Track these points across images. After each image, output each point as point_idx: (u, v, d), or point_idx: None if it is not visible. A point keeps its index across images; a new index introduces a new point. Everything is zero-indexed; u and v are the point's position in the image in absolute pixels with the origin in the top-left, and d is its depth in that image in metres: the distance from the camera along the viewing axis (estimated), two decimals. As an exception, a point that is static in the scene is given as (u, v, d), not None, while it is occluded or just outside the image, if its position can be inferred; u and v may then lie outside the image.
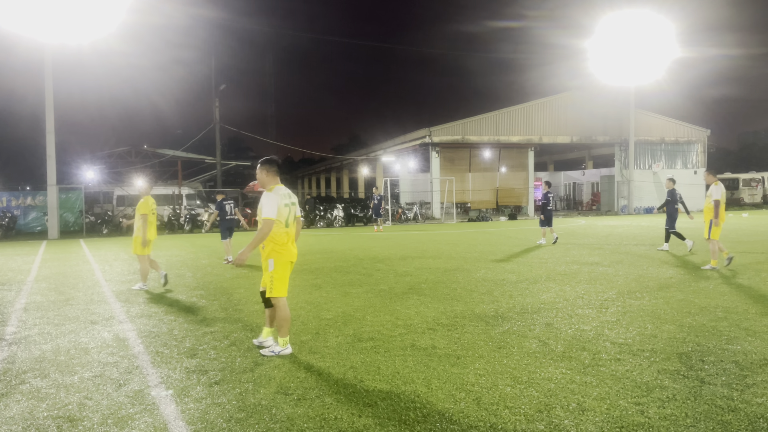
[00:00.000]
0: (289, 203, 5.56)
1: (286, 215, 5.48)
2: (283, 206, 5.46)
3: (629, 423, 3.67)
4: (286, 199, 5.53)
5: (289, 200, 5.57)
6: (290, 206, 5.57)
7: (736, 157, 69.32)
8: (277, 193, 5.47)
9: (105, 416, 3.99)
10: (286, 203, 5.51)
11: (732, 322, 6.30)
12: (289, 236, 5.55)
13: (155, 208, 9.89)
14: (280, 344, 5.48)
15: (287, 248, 5.50)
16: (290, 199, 5.61)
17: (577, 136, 40.36)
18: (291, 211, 5.57)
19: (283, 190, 5.58)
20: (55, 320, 7.22)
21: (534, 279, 9.66)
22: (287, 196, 5.57)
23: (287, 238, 5.51)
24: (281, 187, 5.60)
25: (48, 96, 24.57)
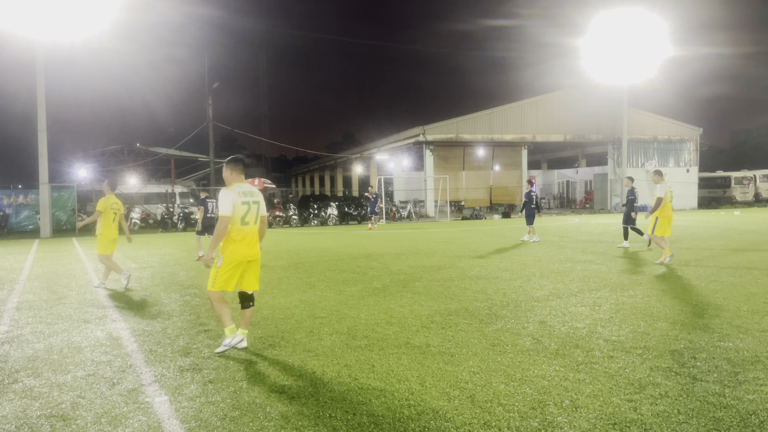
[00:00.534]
0: (248, 201, 5.47)
1: (242, 213, 5.40)
2: (240, 203, 5.39)
3: (622, 420, 3.69)
4: (245, 196, 5.45)
5: (249, 198, 5.48)
6: (250, 204, 5.48)
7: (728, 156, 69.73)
8: (233, 191, 5.42)
9: (98, 415, 3.98)
10: (244, 201, 5.42)
11: (724, 319, 6.34)
12: (245, 235, 5.43)
13: (119, 207, 9.94)
14: (226, 333, 5.50)
15: (239, 247, 5.40)
16: (251, 197, 5.51)
17: (570, 135, 40.49)
18: (251, 209, 5.48)
19: (243, 188, 5.51)
20: (48, 319, 7.19)
21: (527, 277, 9.69)
22: (247, 194, 5.49)
23: (241, 236, 5.41)
24: (241, 185, 5.55)
25: (40, 94, 24.43)
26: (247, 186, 5.59)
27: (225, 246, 5.43)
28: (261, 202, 5.65)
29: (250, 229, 5.50)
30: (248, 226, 5.48)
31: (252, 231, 5.53)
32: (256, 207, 5.56)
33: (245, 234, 5.46)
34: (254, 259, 5.56)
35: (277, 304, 7.76)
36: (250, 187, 5.61)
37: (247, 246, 5.47)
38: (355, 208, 32.78)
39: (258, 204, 5.60)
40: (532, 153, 46.32)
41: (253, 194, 5.57)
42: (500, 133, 38.60)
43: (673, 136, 42.84)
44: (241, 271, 5.51)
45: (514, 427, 3.62)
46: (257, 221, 5.59)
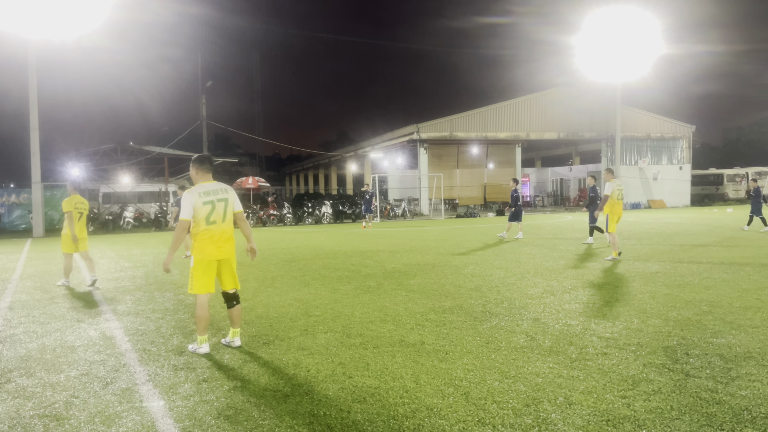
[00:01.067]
0: (212, 200, 5.35)
1: (206, 213, 5.30)
2: (201, 204, 5.30)
3: (615, 416, 3.70)
4: (207, 196, 5.35)
5: (213, 196, 5.37)
6: (214, 203, 5.35)
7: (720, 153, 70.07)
8: (193, 192, 5.33)
9: (92, 414, 3.97)
10: (206, 200, 5.31)
11: (716, 315, 6.37)
12: (212, 234, 5.33)
13: (84, 207, 10.04)
14: (198, 341, 5.44)
15: (206, 247, 5.33)
16: (215, 195, 5.37)
17: (563, 133, 40.60)
18: (215, 207, 5.34)
19: (206, 187, 5.40)
20: (41, 318, 7.15)
21: (521, 274, 9.71)
22: (210, 192, 5.36)
23: (208, 236, 5.33)
24: (205, 185, 5.44)
25: (32, 92, 24.29)
26: (212, 184, 5.46)
27: (194, 247, 5.40)
28: (229, 200, 5.46)
29: (218, 228, 5.36)
30: (215, 225, 5.35)
31: (221, 230, 5.38)
32: (222, 205, 5.40)
33: (213, 234, 5.34)
34: (225, 258, 5.43)
35: (271, 303, 7.75)
36: (217, 185, 5.48)
37: (215, 245, 5.35)
38: (350, 206, 32.77)
39: (225, 201, 5.42)
40: (526, 151, 46.41)
41: (218, 192, 5.41)
42: (494, 131, 38.65)
43: (666, 133, 43.02)
44: (215, 272, 5.43)
45: (508, 424, 3.63)
46: (225, 219, 5.42)
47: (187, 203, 5.29)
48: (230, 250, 5.49)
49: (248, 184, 33.31)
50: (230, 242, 5.50)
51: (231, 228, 5.52)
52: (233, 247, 5.55)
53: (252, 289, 8.93)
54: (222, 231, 5.40)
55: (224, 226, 5.43)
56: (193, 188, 5.40)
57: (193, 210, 5.29)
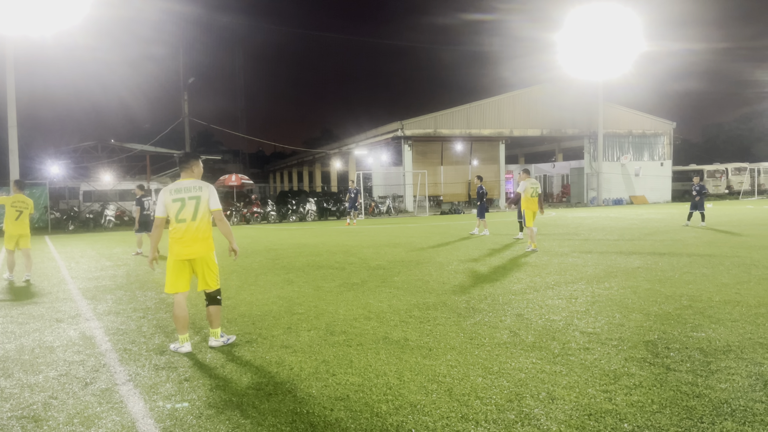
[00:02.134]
0: (182, 197, 5.28)
1: (175, 210, 5.27)
2: (171, 201, 5.28)
3: (597, 410, 3.73)
4: (178, 193, 5.29)
5: (184, 194, 5.29)
6: (184, 200, 5.26)
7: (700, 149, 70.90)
8: (166, 190, 5.33)
9: (71, 415, 3.91)
10: (176, 198, 5.27)
11: (696, 310, 6.45)
12: (182, 233, 5.28)
13: (25, 206, 10.33)
14: (179, 340, 5.40)
15: (174, 246, 5.32)
16: (187, 193, 5.30)
17: (547, 129, 40.84)
18: (185, 205, 5.26)
19: (180, 184, 5.37)
20: (19, 319, 7.04)
21: (505, 270, 9.75)
22: (181, 190, 5.31)
23: (178, 235, 5.29)
24: (179, 182, 5.42)
25: (10, 90, 23.91)
26: (187, 182, 5.39)
27: (168, 245, 5.40)
28: (202, 198, 5.33)
29: (187, 226, 5.28)
30: (184, 224, 5.27)
31: (190, 228, 5.28)
32: (193, 203, 5.28)
33: (182, 232, 5.28)
34: (195, 257, 5.33)
35: (254, 301, 7.70)
36: (192, 182, 5.39)
37: (182, 245, 5.29)
38: (334, 203, 32.69)
39: (197, 199, 5.30)
40: (509, 147, 46.57)
41: (190, 190, 5.32)
42: (478, 127, 38.77)
43: (647, 130, 43.46)
44: (187, 271, 5.39)
45: (491, 420, 3.63)
46: (196, 218, 5.30)
47: (159, 201, 5.34)
48: (201, 249, 5.34)
49: (231, 182, 33.08)
50: (202, 242, 5.34)
51: (204, 227, 5.36)
52: (206, 246, 5.40)
53: (235, 287, 8.87)
54: (192, 230, 5.29)
55: (194, 225, 5.30)
56: (168, 186, 5.41)
57: (164, 208, 5.30)
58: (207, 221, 5.38)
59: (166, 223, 5.46)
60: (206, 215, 5.37)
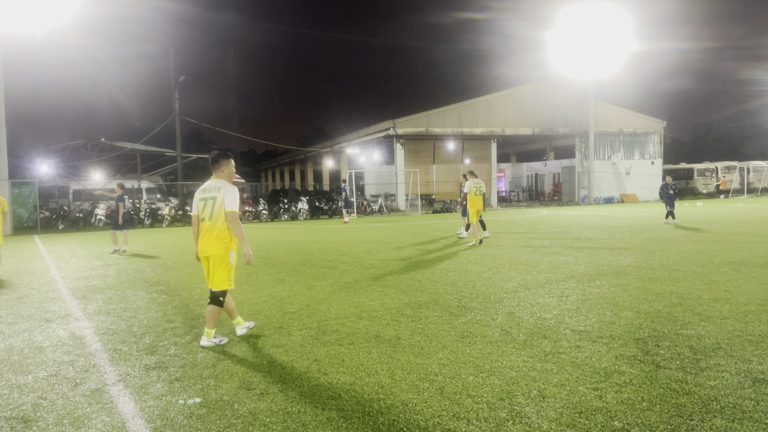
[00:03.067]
0: (205, 197, 5.53)
1: (200, 209, 5.56)
2: (198, 201, 5.58)
3: (588, 408, 3.74)
4: (203, 193, 5.57)
5: (206, 194, 5.53)
6: (206, 201, 5.51)
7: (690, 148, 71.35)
8: (198, 190, 5.66)
9: (60, 416, 3.88)
10: (201, 197, 5.55)
11: (686, 307, 6.49)
12: (202, 231, 5.52)
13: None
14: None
15: (198, 243, 5.59)
16: (208, 193, 5.53)
17: (538, 128, 40.94)
18: (206, 205, 5.50)
19: (206, 184, 5.63)
20: (8, 319, 6.98)
21: (496, 269, 9.78)
22: (206, 190, 5.56)
23: (201, 232, 5.54)
24: (208, 182, 5.66)
25: (-2, 87, 23.69)
26: (212, 182, 5.61)
27: None
28: (218, 198, 5.45)
29: (206, 225, 5.50)
30: (204, 222, 5.52)
31: (207, 227, 5.47)
32: (211, 203, 5.48)
33: (203, 230, 5.54)
34: (207, 255, 5.48)
35: (246, 300, 7.68)
36: (214, 183, 5.57)
37: (200, 242, 5.56)
38: (326, 202, 32.64)
39: (213, 200, 5.46)
40: (501, 146, 46.70)
41: (211, 190, 5.53)
42: (470, 126, 38.82)
43: (638, 128, 43.67)
44: (206, 267, 5.57)
45: (482, 418, 3.64)
46: (212, 217, 5.45)
47: (193, 200, 5.68)
48: (214, 248, 5.45)
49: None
50: (215, 241, 5.46)
51: (218, 226, 5.45)
52: (220, 245, 5.45)
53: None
54: (208, 229, 5.49)
55: (209, 224, 5.48)
56: (200, 186, 5.73)
57: (196, 206, 5.60)
58: (223, 221, 5.48)
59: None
60: (222, 215, 5.48)
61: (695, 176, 46.02)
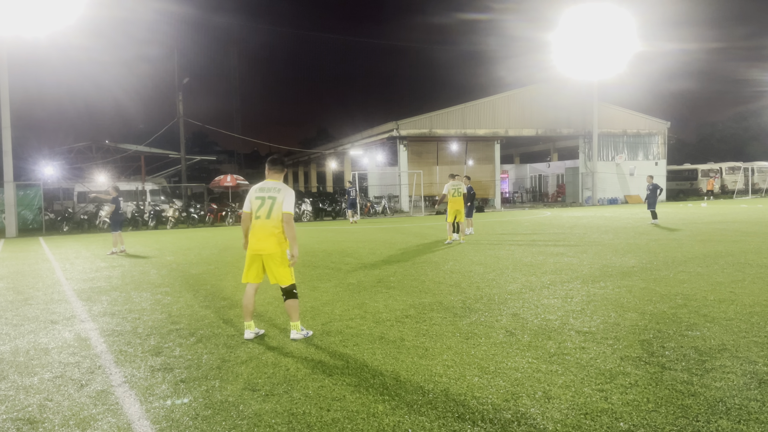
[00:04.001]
0: (263, 196, 5.70)
1: (255, 207, 5.70)
2: (254, 198, 5.75)
3: (593, 409, 3.74)
4: (260, 192, 5.74)
5: (264, 193, 5.71)
6: (264, 199, 5.68)
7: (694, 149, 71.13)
8: (252, 188, 5.84)
9: (66, 417, 3.90)
10: (258, 196, 5.74)
11: (691, 309, 6.47)
12: (256, 229, 5.68)
13: None
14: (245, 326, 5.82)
15: (249, 240, 5.74)
16: (267, 192, 5.72)
17: (542, 129, 40.91)
18: (263, 204, 5.67)
19: (264, 184, 5.81)
20: (14, 321, 7.01)
21: (501, 270, 9.77)
22: (264, 189, 5.77)
23: (253, 230, 5.70)
24: (266, 182, 5.83)
25: (3, 90, 23.77)
26: (270, 182, 5.81)
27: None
28: (277, 198, 5.66)
29: (261, 223, 5.66)
30: (259, 220, 5.67)
31: (262, 225, 5.66)
32: (270, 202, 5.66)
33: (256, 228, 5.69)
34: (264, 253, 5.66)
35: (250, 302, 7.68)
36: (274, 183, 5.79)
37: (254, 239, 5.69)
38: (330, 203, 32.65)
39: (273, 200, 5.66)
40: (504, 147, 46.67)
41: (271, 190, 5.73)
42: (473, 127, 38.81)
43: (642, 129, 43.59)
44: (258, 264, 5.74)
45: (487, 420, 3.64)
46: (270, 216, 5.63)
47: (246, 198, 5.84)
48: (270, 246, 5.64)
49: (227, 182, 33.04)
50: (272, 239, 5.63)
51: (276, 226, 5.65)
52: (276, 244, 5.64)
53: (231, 287, 8.86)
54: (263, 227, 5.65)
55: (266, 223, 5.65)
56: (255, 185, 5.90)
57: (249, 204, 5.78)
58: (280, 221, 5.67)
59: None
60: (279, 215, 5.66)
61: (699, 177, 45.88)
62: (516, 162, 57.73)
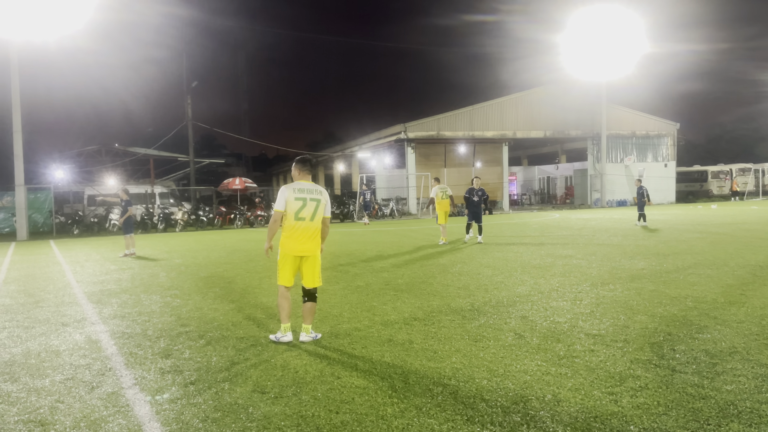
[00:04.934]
0: (305, 197, 5.64)
1: (296, 208, 5.61)
2: (293, 199, 5.62)
3: (603, 412, 3.72)
4: (301, 193, 5.66)
5: (306, 195, 5.65)
6: (306, 201, 5.64)
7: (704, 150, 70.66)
8: (289, 187, 5.70)
9: (77, 419, 3.92)
10: (299, 197, 5.64)
11: (701, 311, 6.43)
12: (295, 230, 5.61)
13: None
14: (281, 330, 5.75)
15: (287, 242, 5.66)
16: (309, 194, 5.67)
17: (550, 131, 40.78)
18: (306, 205, 5.63)
19: (302, 185, 5.72)
20: (25, 323, 7.07)
21: (509, 272, 9.75)
22: (305, 190, 5.68)
23: (291, 231, 5.62)
24: (301, 183, 5.75)
25: (14, 94, 23.98)
26: (308, 184, 5.75)
27: (280, 241, 5.71)
28: (321, 201, 5.69)
29: (304, 225, 5.63)
30: (302, 222, 5.63)
31: (305, 227, 5.62)
32: (313, 204, 5.66)
33: (296, 229, 5.63)
34: (306, 255, 5.67)
35: (258, 304, 7.71)
36: (313, 185, 5.76)
37: (295, 241, 5.64)
38: (338, 206, 32.67)
39: (317, 202, 5.66)
40: (512, 149, 46.53)
41: (313, 192, 5.69)
42: (481, 129, 38.74)
43: (650, 131, 43.35)
44: (295, 266, 5.71)
45: (497, 423, 3.63)
46: (314, 219, 5.64)
47: (281, 197, 5.64)
48: (312, 248, 5.70)
49: (235, 185, 33.13)
50: (313, 240, 5.69)
51: (318, 227, 5.71)
52: (317, 245, 5.73)
53: (239, 290, 8.89)
54: (306, 229, 5.64)
55: (311, 225, 5.66)
56: (290, 184, 5.75)
57: (285, 203, 5.62)
58: (320, 223, 5.73)
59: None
60: (321, 218, 5.72)
61: (709, 178, 45.59)
62: (524, 164, 57.55)
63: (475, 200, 15.73)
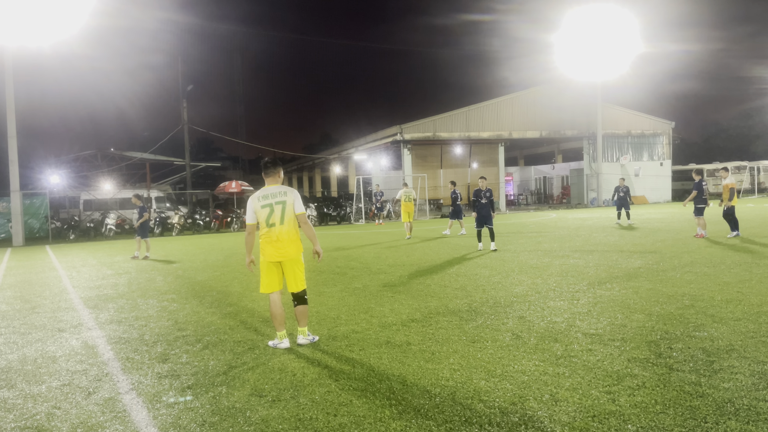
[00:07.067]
0: (270, 203, 5.54)
1: (265, 215, 5.53)
2: (260, 207, 5.55)
3: (601, 412, 3.72)
4: (265, 199, 5.56)
5: (271, 200, 5.54)
6: (272, 206, 5.53)
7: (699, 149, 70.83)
8: (253, 198, 5.61)
9: (74, 425, 3.91)
10: (264, 204, 5.55)
11: (698, 309, 6.44)
12: (271, 236, 5.53)
13: None
14: (278, 337, 5.67)
15: (265, 249, 5.59)
16: (274, 198, 5.56)
17: (546, 131, 40.85)
18: (274, 210, 5.52)
19: (267, 190, 5.62)
20: (21, 329, 7.04)
21: (506, 273, 9.75)
22: (269, 196, 5.58)
23: (269, 238, 5.55)
24: (265, 188, 5.66)
25: (9, 100, 23.95)
26: (272, 188, 5.64)
27: (260, 247, 5.63)
28: (287, 202, 5.56)
29: (277, 230, 5.54)
30: (274, 228, 5.53)
31: (278, 232, 5.52)
32: (279, 207, 5.54)
33: (270, 235, 5.55)
34: (284, 259, 5.59)
35: (255, 307, 7.70)
36: (278, 188, 5.63)
37: (272, 247, 5.56)
38: (335, 208, 32.68)
39: (282, 204, 5.53)
40: (508, 150, 46.59)
41: (276, 195, 5.57)
42: (477, 130, 38.79)
43: (646, 130, 43.47)
44: (278, 272, 5.64)
45: (495, 423, 3.63)
46: (284, 221, 5.53)
47: (249, 209, 5.62)
48: (291, 251, 5.59)
49: (232, 188, 33.09)
50: (291, 244, 5.59)
51: (292, 230, 5.60)
52: (296, 248, 5.63)
53: (237, 293, 8.87)
54: (280, 233, 5.54)
55: (283, 228, 5.55)
56: (255, 193, 5.65)
57: (254, 214, 5.57)
58: (295, 224, 5.62)
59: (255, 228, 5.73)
60: (293, 218, 5.61)
61: (705, 177, 45.71)
62: (520, 164, 57.63)
63: (484, 202, 15.63)
